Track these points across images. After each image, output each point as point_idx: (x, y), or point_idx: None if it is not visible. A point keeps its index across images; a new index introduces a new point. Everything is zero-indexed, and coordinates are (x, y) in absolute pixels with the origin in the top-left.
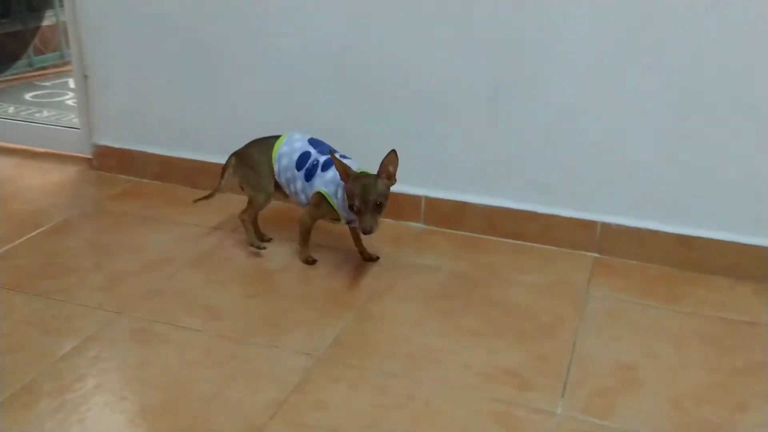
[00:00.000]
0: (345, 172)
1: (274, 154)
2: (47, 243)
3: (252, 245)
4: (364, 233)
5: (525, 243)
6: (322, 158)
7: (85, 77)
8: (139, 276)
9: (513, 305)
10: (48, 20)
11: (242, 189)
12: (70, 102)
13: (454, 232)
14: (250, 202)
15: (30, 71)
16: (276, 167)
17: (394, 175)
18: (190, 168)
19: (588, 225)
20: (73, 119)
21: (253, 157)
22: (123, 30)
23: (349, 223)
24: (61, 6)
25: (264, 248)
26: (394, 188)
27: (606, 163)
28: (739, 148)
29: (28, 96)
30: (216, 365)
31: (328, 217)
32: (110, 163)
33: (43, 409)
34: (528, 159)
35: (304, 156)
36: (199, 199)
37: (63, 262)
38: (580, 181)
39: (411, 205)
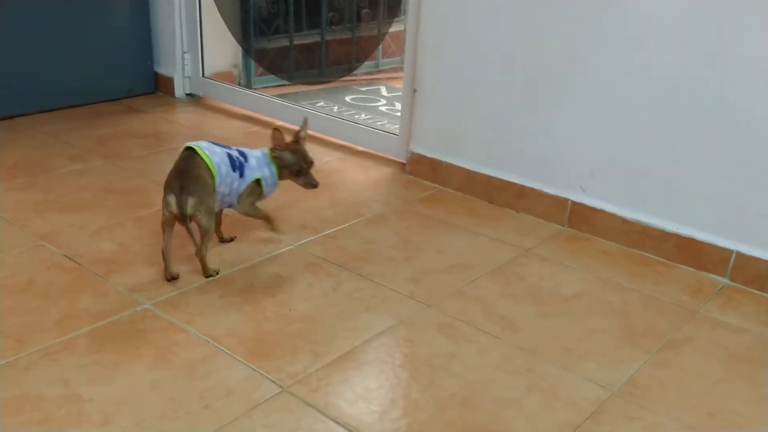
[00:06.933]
0: (285, 144)
1: (213, 168)
2: (366, 231)
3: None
4: (315, 187)
5: None
6: (235, 152)
7: (414, 91)
8: (444, 275)
9: None
10: (368, 31)
11: (197, 223)
12: (382, 108)
13: (766, 295)
14: (206, 233)
15: (352, 75)
16: (217, 179)
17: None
18: (490, 184)
19: None
20: (386, 124)
21: (206, 182)
22: (453, 52)
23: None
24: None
25: (217, 273)
26: (698, 235)
27: None
28: None
29: (347, 98)
30: (513, 374)
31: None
32: (420, 169)
33: (367, 373)
34: None
35: (230, 158)
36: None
37: (379, 250)
38: None
39: (717, 257)
